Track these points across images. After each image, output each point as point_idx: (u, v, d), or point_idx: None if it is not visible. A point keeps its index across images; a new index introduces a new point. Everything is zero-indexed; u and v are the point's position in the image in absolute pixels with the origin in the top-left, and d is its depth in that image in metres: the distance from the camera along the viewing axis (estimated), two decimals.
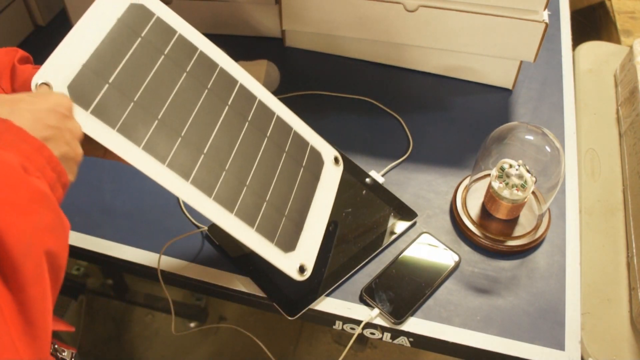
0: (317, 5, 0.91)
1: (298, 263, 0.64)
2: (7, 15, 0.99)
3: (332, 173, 0.73)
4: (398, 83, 0.98)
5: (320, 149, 0.73)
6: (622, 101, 1.04)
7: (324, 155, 0.73)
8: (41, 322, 0.38)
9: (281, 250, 0.63)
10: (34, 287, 0.38)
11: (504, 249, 0.74)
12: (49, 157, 0.43)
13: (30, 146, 0.42)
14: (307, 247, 0.66)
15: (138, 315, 1.44)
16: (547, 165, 0.74)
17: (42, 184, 0.41)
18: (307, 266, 0.64)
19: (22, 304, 0.37)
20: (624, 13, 1.38)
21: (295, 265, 0.63)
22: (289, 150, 0.68)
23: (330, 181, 0.72)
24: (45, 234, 0.39)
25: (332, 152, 0.75)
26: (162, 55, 0.59)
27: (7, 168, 0.39)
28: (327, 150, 0.74)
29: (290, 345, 1.38)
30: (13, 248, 0.36)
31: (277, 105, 0.70)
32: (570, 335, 0.68)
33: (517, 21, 0.84)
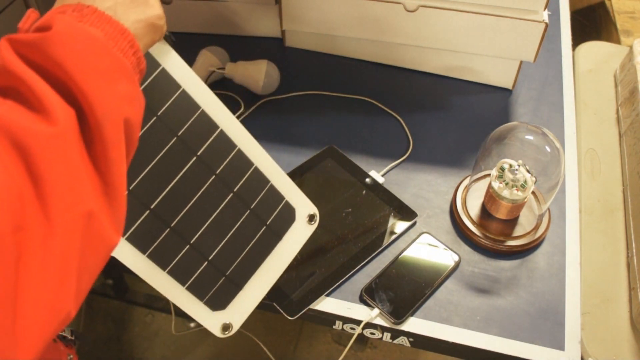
0: (317, 5, 0.91)
1: (223, 321, 0.62)
2: (7, 15, 0.99)
3: (301, 231, 0.68)
4: (398, 83, 0.98)
5: (296, 205, 0.68)
6: (622, 101, 1.04)
7: (297, 212, 0.68)
8: (118, 184, 0.41)
9: (208, 309, 0.61)
10: (113, 151, 0.40)
11: (504, 249, 0.74)
12: (132, 41, 0.45)
13: (114, 28, 0.44)
14: (240, 306, 0.63)
15: (138, 315, 1.44)
16: (547, 165, 0.74)
17: (124, 59, 0.43)
18: (233, 325, 0.62)
19: (104, 164, 0.40)
20: (624, 13, 1.38)
21: (220, 323, 0.62)
22: (255, 207, 0.63)
23: (296, 240, 0.68)
24: (125, 103, 0.42)
25: (309, 209, 0.69)
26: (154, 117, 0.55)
27: (93, 39, 0.41)
28: (304, 207, 0.68)
29: (290, 345, 1.38)
30: (97, 111, 0.39)
31: (259, 154, 0.64)
32: (570, 335, 0.68)
33: (517, 21, 0.84)
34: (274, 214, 0.65)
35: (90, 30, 0.42)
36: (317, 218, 0.70)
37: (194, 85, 0.58)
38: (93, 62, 0.40)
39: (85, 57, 0.40)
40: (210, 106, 0.59)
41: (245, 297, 0.64)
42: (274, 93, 0.94)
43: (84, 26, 0.41)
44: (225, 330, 0.62)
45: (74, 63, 0.39)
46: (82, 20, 0.42)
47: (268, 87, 0.92)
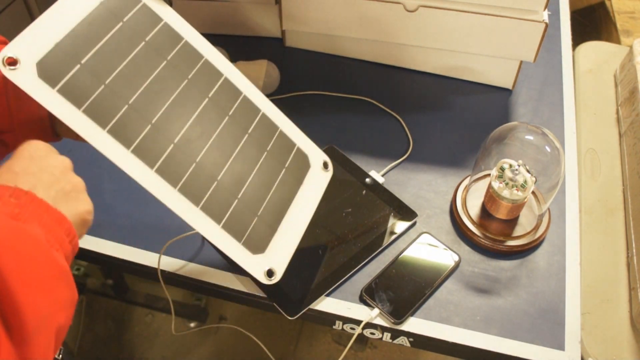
0: (317, 5, 0.91)
1: (266, 266, 0.60)
2: (7, 15, 0.99)
3: (319, 178, 0.70)
4: (398, 83, 0.98)
5: (308, 152, 0.70)
6: (622, 101, 1.04)
7: (311, 159, 0.70)
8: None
9: (249, 251, 0.60)
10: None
11: (504, 249, 0.74)
12: (68, 229, 0.44)
13: (52, 218, 0.43)
14: (278, 251, 0.62)
15: (138, 315, 1.44)
16: (547, 165, 0.74)
17: (61, 258, 0.42)
18: (275, 270, 0.61)
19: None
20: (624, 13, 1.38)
21: (263, 268, 0.60)
22: (271, 150, 0.65)
23: (315, 186, 0.69)
24: (60, 311, 0.40)
25: (321, 157, 0.71)
26: (142, 41, 0.58)
27: (35, 243, 0.40)
28: (316, 154, 0.71)
29: (290, 345, 1.38)
30: (29, 324, 0.37)
31: (265, 103, 0.68)
32: (570, 335, 0.68)
33: (517, 21, 0.84)
34: (289, 158, 0.67)
35: (31, 232, 0.40)
36: (330, 165, 0.72)
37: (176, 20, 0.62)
38: (33, 272, 0.38)
39: (25, 266, 0.38)
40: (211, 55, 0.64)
41: (280, 242, 0.63)
42: (274, 93, 0.94)
43: (24, 227, 0.40)
44: (270, 276, 0.60)
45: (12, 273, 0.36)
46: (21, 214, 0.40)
47: (268, 87, 0.92)
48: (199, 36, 0.64)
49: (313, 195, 0.69)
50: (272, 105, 0.69)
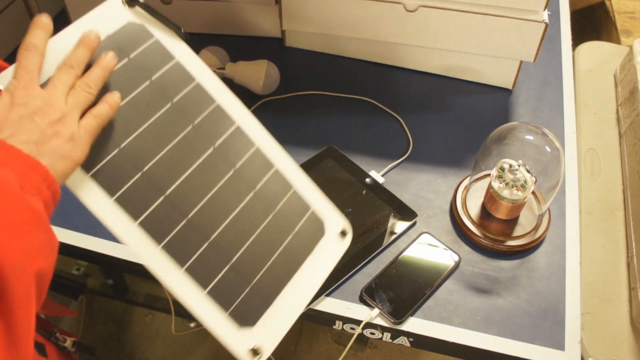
0: (317, 5, 0.91)
1: (252, 344, 0.53)
2: (7, 15, 0.99)
3: (333, 247, 0.62)
4: (398, 83, 0.98)
5: (325, 217, 0.63)
6: (622, 101, 1.04)
7: (327, 225, 0.63)
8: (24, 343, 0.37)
9: (235, 323, 0.53)
10: (21, 310, 0.37)
11: (504, 249, 0.74)
12: (45, 174, 0.42)
13: (25, 164, 0.41)
14: (270, 326, 0.55)
15: (138, 315, 1.44)
16: (547, 165, 0.74)
17: (38, 203, 0.41)
18: (263, 350, 0.53)
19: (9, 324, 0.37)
20: (624, 13, 1.38)
21: (248, 345, 0.53)
22: (279, 211, 0.59)
23: (327, 257, 0.62)
24: (36, 255, 0.39)
25: (340, 224, 0.64)
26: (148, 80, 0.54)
27: (5, 186, 0.39)
28: (334, 220, 0.64)
29: (290, 345, 1.38)
30: (5, 269, 0.36)
31: (280, 158, 0.61)
32: (570, 335, 0.68)
33: (517, 21, 0.84)
34: (299, 222, 0.60)
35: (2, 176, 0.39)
36: (350, 234, 0.64)
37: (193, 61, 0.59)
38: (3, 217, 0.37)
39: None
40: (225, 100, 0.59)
41: (275, 316, 0.56)
42: (274, 93, 0.94)
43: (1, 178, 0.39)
44: (255, 356, 0.53)
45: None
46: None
47: (268, 87, 0.92)
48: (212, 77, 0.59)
49: (323, 265, 0.62)
50: (290, 161, 0.62)
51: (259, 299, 0.56)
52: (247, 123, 0.60)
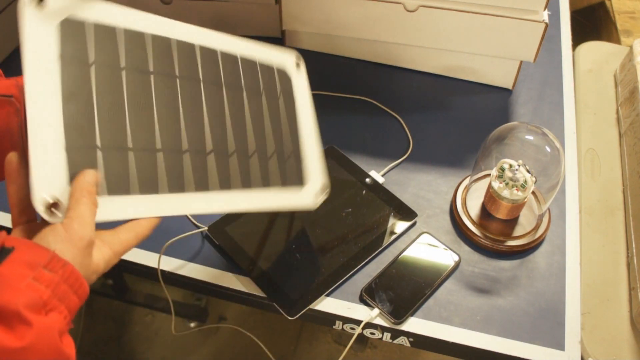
0: (317, 5, 0.91)
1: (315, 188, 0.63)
2: (7, 15, 0.99)
3: (299, 81, 0.66)
4: (398, 83, 0.98)
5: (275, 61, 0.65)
6: (622, 101, 1.04)
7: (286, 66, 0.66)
8: None
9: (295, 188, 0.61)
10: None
11: (504, 249, 0.74)
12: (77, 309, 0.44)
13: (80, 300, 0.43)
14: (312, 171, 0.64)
15: (138, 315, 1.44)
16: (547, 165, 0.74)
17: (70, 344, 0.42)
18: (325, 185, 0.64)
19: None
20: (624, 13, 1.38)
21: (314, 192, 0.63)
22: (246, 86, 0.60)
23: (302, 91, 0.67)
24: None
25: (290, 59, 0.66)
26: (122, 71, 0.51)
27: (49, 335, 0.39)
28: (284, 58, 0.66)
29: (290, 345, 1.38)
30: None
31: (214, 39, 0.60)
32: (570, 335, 0.68)
33: (517, 21, 0.84)
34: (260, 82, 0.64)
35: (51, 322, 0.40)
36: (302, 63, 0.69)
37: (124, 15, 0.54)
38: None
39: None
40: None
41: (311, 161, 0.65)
42: None
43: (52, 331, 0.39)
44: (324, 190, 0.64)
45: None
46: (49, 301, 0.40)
47: None
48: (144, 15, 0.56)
49: (305, 101, 0.67)
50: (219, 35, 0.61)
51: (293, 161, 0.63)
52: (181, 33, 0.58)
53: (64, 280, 0.41)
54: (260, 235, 0.75)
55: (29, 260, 0.40)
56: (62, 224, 0.44)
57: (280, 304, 0.68)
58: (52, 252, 0.41)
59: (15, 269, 0.39)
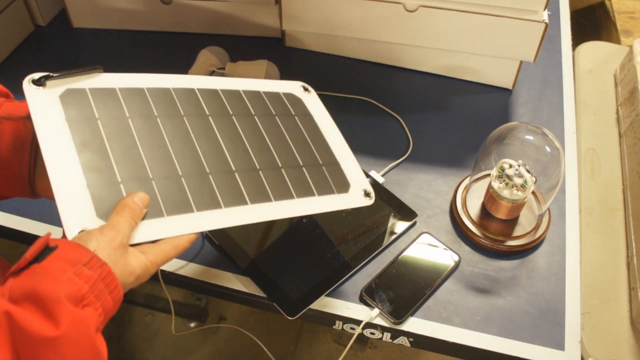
0: (317, 5, 0.91)
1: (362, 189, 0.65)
2: (7, 15, 0.99)
3: (312, 101, 0.72)
4: (398, 83, 0.98)
5: (281, 89, 0.70)
6: (622, 101, 1.04)
7: (294, 92, 0.71)
8: None
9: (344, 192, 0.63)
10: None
11: (504, 249, 0.74)
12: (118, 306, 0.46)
13: (114, 302, 0.45)
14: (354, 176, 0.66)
15: (138, 315, 1.44)
16: (547, 165, 0.74)
17: (102, 342, 0.44)
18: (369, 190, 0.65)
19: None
20: (624, 13, 1.38)
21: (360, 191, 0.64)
22: (255, 112, 0.65)
23: (318, 109, 0.71)
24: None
25: (297, 85, 0.72)
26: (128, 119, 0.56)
27: (85, 327, 0.41)
28: (292, 86, 0.72)
29: (290, 345, 1.38)
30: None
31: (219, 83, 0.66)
32: (570, 335, 0.68)
33: (517, 21, 0.84)
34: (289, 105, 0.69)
35: (87, 317, 0.41)
36: (310, 88, 0.73)
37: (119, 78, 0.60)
38: (74, 357, 0.40)
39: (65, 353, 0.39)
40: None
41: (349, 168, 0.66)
42: None
43: (88, 325, 0.41)
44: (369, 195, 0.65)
45: None
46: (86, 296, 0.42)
47: None
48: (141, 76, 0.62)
49: (324, 116, 0.71)
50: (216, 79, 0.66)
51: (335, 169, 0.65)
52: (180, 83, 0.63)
53: (102, 279, 0.43)
54: (261, 235, 0.75)
55: (71, 258, 0.42)
56: (98, 227, 0.47)
57: (280, 304, 0.68)
58: (93, 253, 0.44)
59: (58, 264, 0.42)
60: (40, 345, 0.38)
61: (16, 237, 0.78)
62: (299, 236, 0.74)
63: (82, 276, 0.42)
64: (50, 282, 0.40)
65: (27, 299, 0.40)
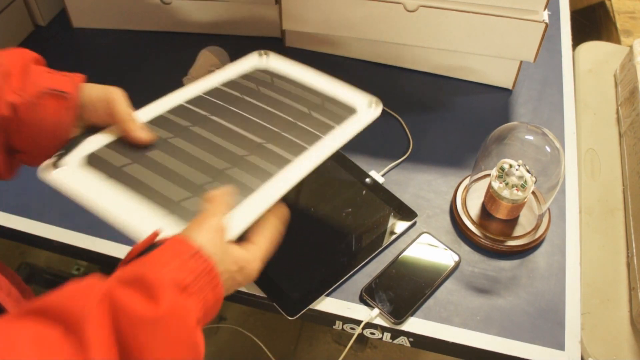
0: (317, 5, 0.91)
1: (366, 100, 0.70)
2: (7, 15, 0.99)
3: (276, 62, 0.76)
4: (398, 83, 0.98)
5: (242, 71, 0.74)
6: (622, 101, 1.04)
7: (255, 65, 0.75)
8: None
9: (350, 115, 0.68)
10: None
11: (504, 249, 0.74)
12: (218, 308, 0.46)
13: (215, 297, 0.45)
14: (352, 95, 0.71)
15: None
16: (547, 165, 0.74)
17: (202, 338, 0.44)
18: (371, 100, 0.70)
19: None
20: (624, 13, 1.39)
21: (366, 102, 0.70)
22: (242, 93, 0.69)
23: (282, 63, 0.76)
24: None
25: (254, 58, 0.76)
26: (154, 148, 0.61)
27: (188, 324, 0.42)
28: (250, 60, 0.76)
29: (290, 345, 1.38)
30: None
31: None
32: (570, 335, 0.68)
33: (517, 21, 0.84)
34: None
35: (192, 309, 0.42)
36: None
37: None
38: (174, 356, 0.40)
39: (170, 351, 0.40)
40: None
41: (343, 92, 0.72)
42: None
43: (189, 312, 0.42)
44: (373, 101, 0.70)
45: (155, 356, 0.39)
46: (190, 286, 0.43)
47: None
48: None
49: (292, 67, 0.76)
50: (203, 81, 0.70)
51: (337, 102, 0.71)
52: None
53: (206, 273, 0.44)
54: None
55: (178, 250, 0.44)
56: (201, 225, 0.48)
57: (280, 304, 0.68)
58: (198, 247, 0.45)
59: (165, 254, 0.44)
60: (140, 325, 0.39)
61: (16, 237, 0.78)
62: (299, 236, 0.74)
63: (187, 267, 0.43)
64: (157, 268, 0.42)
65: (133, 282, 0.41)
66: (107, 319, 0.38)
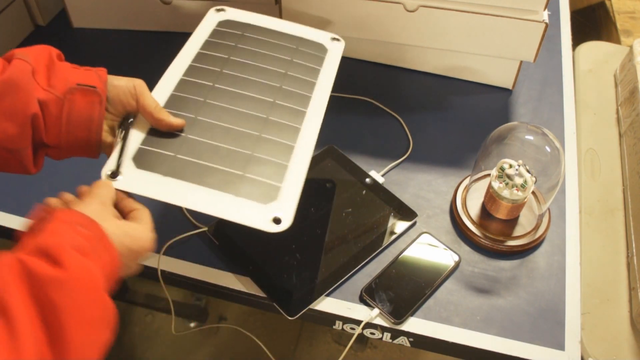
0: (317, 5, 0.91)
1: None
2: (7, 15, 0.99)
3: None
4: (398, 83, 0.98)
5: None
6: (622, 101, 1.04)
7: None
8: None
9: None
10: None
11: (504, 249, 0.74)
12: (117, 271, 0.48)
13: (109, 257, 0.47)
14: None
15: (138, 315, 1.44)
16: (547, 165, 0.74)
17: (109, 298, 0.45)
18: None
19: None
20: (624, 13, 1.39)
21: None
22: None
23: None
24: (100, 351, 0.43)
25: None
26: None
27: (95, 283, 0.43)
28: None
29: (290, 345, 1.38)
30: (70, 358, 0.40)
31: None
32: (570, 335, 0.68)
33: (517, 21, 0.84)
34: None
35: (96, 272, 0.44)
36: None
37: None
38: (85, 311, 0.42)
39: (83, 309, 0.41)
40: None
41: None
42: None
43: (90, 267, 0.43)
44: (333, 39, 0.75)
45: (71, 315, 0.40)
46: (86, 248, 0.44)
47: None
48: None
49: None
50: None
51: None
52: None
53: (99, 240, 0.46)
54: (260, 235, 0.75)
55: (68, 220, 0.46)
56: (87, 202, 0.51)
57: (280, 304, 0.68)
58: (86, 215, 0.47)
59: (57, 225, 0.45)
60: (53, 287, 0.40)
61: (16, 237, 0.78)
62: (299, 236, 0.74)
63: (81, 234, 0.45)
64: (56, 237, 0.44)
65: (37, 252, 0.42)
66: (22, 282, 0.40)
